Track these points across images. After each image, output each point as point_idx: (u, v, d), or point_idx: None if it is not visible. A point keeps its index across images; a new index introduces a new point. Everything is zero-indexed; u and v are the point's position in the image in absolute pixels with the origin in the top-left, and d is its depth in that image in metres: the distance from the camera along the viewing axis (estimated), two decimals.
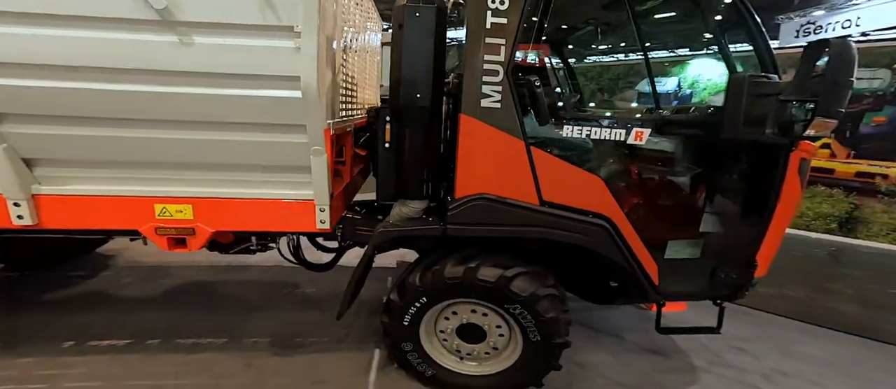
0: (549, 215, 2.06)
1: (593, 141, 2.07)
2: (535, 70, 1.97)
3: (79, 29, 1.50)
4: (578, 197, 2.10)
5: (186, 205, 1.81)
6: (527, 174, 2.02)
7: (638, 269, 2.19)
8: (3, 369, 2.19)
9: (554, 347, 2.12)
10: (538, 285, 2.04)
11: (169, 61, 1.56)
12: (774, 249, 2.28)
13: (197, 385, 2.16)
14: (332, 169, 1.89)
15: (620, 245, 2.12)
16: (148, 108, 1.63)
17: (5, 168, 1.64)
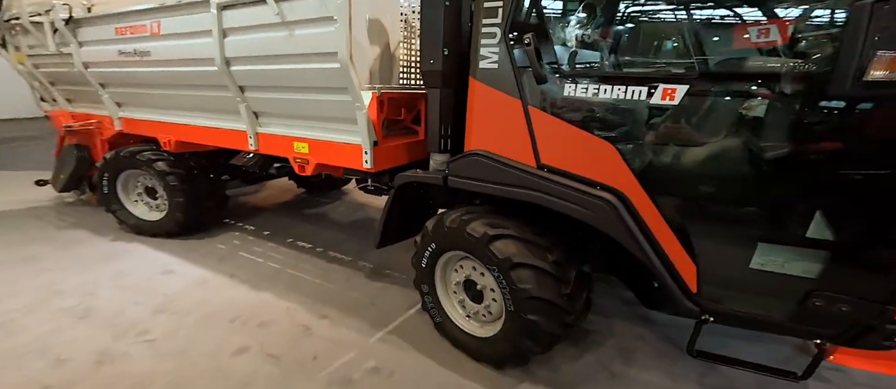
0: (545, 179, 1.98)
1: (607, 102, 1.83)
2: (533, 29, 1.89)
3: (254, 33, 2.68)
4: (585, 165, 1.93)
5: (305, 144, 2.83)
6: (524, 135, 2.02)
7: (658, 263, 1.77)
8: (242, 239, 3.96)
9: (529, 325, 2.00)
10: (523, 253, 1.98)
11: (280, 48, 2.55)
12: None
13: (318, 280, 3.24)
14: (379, 124, 2.50)
15: (633, 227, 1.79)
16: (280, 80, 2.71)
17: (247, 116, 3.10)
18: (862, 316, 1.58)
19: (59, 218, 4.35)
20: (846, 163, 1.49)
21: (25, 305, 2.73)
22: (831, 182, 1.53)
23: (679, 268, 1.80)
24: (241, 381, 2.10)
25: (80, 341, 2.38)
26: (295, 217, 4.60)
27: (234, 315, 2.66)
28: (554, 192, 1.96)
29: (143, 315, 2.65)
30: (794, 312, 1.70)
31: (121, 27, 3.36)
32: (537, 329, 1.99)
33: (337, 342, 2.44)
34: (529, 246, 2.00)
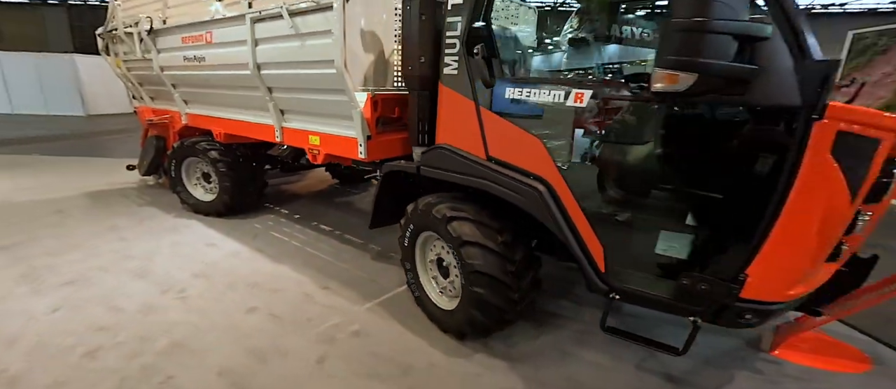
0: (490, 169, 2.24)
1: (537, 104, 2.06)
2: (484, 41, 2.14)
3: (277, 43, 3.15)
4: (520, 157, 2.16)
5: (317, 137, 3.26)
6: (476, 131, 2.29)
7: (575, 245, 1.97)
8: (275, 221, 4.53)
9: (476, 297, 2.25)
10: (473, 232, 2.25)
11: (295, 55, 3.00)
12: (789, 265, 1.63)
13: (330, 258, 3.70)
14: (372, 121, 2.87)
15: (556, 212, 2.01)
16: (297, 82, 3.16)
17: (274, 112, 3.59)
18: (716, 293, 1.69)
19: (139, 197, 5.25)
20: (690, 162, 1.64)
21: (101, 264, 3.44)
22: (686, 176, 1.68)
23: (591, 250, 1.98)
24: (245, 333, 2.56)
25: (134, 294, 2.99)
26: (324, 204, 5.13)
27: (253, 282, 3.17)
28: (496, 180, 2.21)
29: (184, 277, 3.24)
30: (674, 292, 1.83)
31: (185, 36, 4.05)
32: (483, 301, 2.24)
33: (331, 308, 2.85)
34: (481, 227, 2.25)
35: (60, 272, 3.27)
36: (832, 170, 1.47)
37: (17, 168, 6.72)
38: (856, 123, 1.45)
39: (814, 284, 1.78)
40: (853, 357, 2.46)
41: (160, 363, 2.28)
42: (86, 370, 2.21)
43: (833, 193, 1.50)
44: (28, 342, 2.43)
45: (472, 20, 2.18)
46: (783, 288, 1.67)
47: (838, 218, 1.56)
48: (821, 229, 1.55)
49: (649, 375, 2.28)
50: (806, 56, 1.42)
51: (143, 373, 2.20)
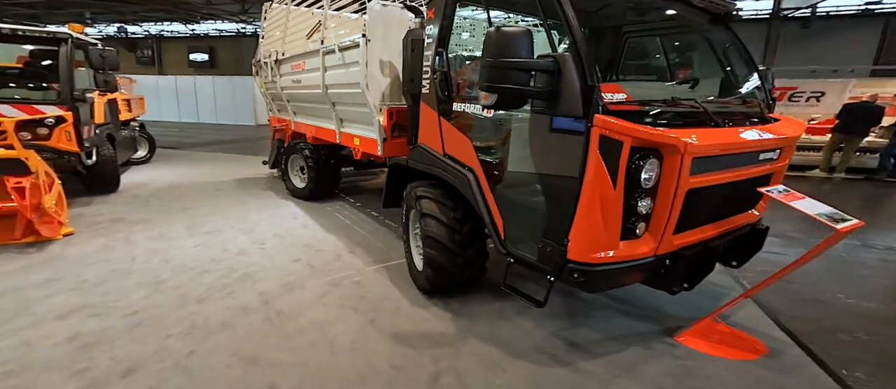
0: (443, 161, 2.85)
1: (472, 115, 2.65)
2: (441, 70, 2.75)
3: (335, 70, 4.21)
4: (460, 153, 2.74)
5: (358, 138, 4.21)
6: (437, 134, 2.93)
7: (488, 219, 2.49)
8: (342, 206, 5.59)
9: (428, 257, 2.87)
10: (431, 208, 2.88)
11: (343, 79, 3.99)
12: (591, 235, 2.02)
13: (366, 234, 4.61)
14: (388, 128, 3.68)
15: (477, 194, 2.55)
16: (344, 99, 4.16)
17: (336, 121, 4.66)
18: (555, 254, 2.05)
19: (264, 184, 6.94)
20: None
21: (228, 224, 4.86)
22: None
23: (497, 222, 2.45)
24: (286, 273, 3.54)
25: (238, 243, 4.24)
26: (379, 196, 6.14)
27: (307, 243, 4.22)
28: (446, 169, 2.81)
29: (268, 236, 4.45)
30: (538, 254, 2.23)
31: (293, 65, 5.43)
32: (434, 261, 2.84)
33: (348, 265, 3.72)
34: (438, 204, 2.87)
35: (206, 225, 4.76)
36: (599, 162, 1.86)
37: (203, 161, 9.25)
38: (609, 130, 1.84)
39: (628, 254, 2.09)
40: (749, 347, 2.47)
41: (233, 283, 3.38)
42: (196, 281, 3.40)
43: (602, 180, 1.89)
44: (176, 262, 3.76)
45: (435, 55, 2.84)
46: (589, 251, 2.03)
47: (610, 199, 1.92)
48: (602, 207, 1.94)
49: (557, 339, 2.62)
50: (586, 81, 1.82)
51: (222, 287, 3.30)
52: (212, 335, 2.62)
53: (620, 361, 2.42)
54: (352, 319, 2.83)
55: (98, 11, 19.97)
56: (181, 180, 7.13)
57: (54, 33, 5.35)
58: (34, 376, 2.18)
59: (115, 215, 5.01)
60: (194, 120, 19.66)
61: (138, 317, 2.79)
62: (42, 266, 3.54)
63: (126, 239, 4.24)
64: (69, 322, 2.71)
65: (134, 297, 3.06)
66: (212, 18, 21.24)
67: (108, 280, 3.33)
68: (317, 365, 2.33)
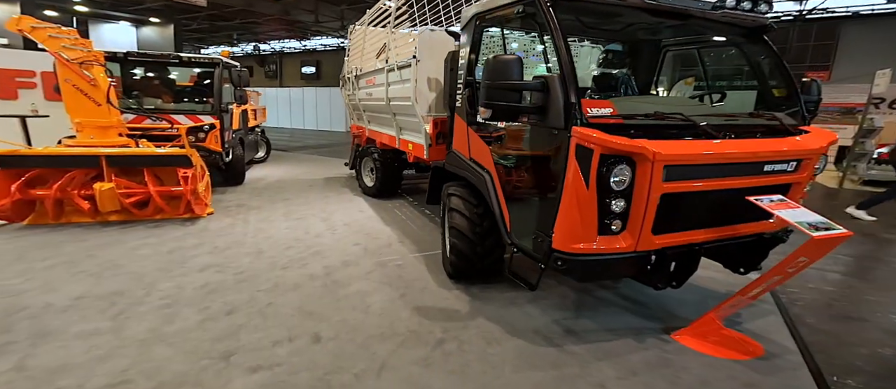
0: (469, 164, 3.25)
1: (492, 127, 3.04)
2: (471, 87, 3.13)
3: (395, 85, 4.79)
4: (481, 157, 3.11)
5: (411, 144, 4.75)
6: (466, 141, 3.33)
7: (498, 212, 2.84)
8: (401, 203, 6.18)
9: (451, 244, 3.31)
10: (457, 204, 3.29)
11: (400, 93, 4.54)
12: (571, 228, 2.29)
13: (416, 228, 5.13)
14: (433, 135, 4.15)
15: (492, 192, 2.91)
16: (401, 110, 4.72)
17: (397, 129, 5.24)
18: (543, 243, 2.30)
19: (344, 182, 7.89)
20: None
21: (312, 212, 5.73)
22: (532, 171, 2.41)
23: (505, 216, 2.77)
24: (345, 253, 4.20)
25: (316, 228, 5.03)
26: None
27: (367, 232, 4.87)
28: (470, 171, 3.20)
29: (339, 224, 5.20)
30: (533, 247, 2.49)
31: (367, 79, 6.21)
32: (456, 248, 3.26)
33: (396, 251, 4.27)
34: (464, 201, 3.27)
35: (297, 213, 5.70)
36: (575, 167, 2.10)
37: (303, 162, 10.67)
38: (583, 139, 2.09)
39: (607, 248, 2.29)
40: (742, 349, 2.45)
41: (307, 257, 4.11)
42: (283, 254, 4.18)
43: (577, 182, 2.13)
44: (272, 239, 4.61)
45: (467, 74, 3.25)
46: (570, 242, 2.27)
47: (585, 198, 2.15)
48: (578, 205, 2.18)
49: (556, 326, 2.86)
50: (567, 97, 2.09)
51: (299, 259, 4.03)
52: (286, 292, 3.31)
53: (607, 349, 2.60)
54: (387, 292, 3.36)
55: (241, 33, 23.80)
56: (285, 177, 8.41)
57: (212, 59, 6.81)
58: (179, 308, 3.02)
59: (239, 202, 6.19)
60: (301, 126, 22.28)
61: (243, 275, 3.61)
62: (193, 234, 4.63)
63: (244, 219, 5.29)
64: (204, 274, 3.61)
65: (243, 261, 3.92)
66: (319, 35, 23.83)
67: (230, 247, 4.27)
68: (352, 323, 2.88)
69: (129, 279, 3.44)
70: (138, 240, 4.34)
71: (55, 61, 4.62)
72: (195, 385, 2.20)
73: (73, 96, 4.70)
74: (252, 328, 2.78)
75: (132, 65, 6.99)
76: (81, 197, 4.65)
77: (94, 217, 4.80)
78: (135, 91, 6.87)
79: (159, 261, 3.83)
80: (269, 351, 2.51)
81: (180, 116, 6.38)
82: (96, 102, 4.77)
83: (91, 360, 2.36)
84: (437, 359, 2.47)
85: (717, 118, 2.64)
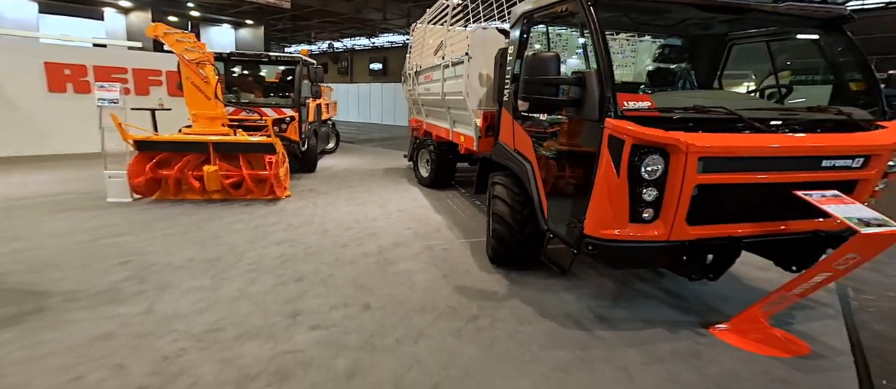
0: (513, 155, 3.37)
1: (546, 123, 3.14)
2: (516, 80, 3.21)
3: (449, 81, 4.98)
4: (524, 148, 3.23)
5: (463, 136, 4.92)
6: (511, 133, 3.44)
7: (537, 199, 2.95)
8: (453, 194, 6.37)
9: (493, 230, 3.48)
10: (501, 192, 3.43)
11: (453, 88, 4.73)
12: (601, 214, 2.34)
13: (465, 216, 5.31)
14: (483, 128, 4.29)
15: (532, 180, 3.03)
16: (454, 104, 4.90)
17: (450, 122, 5.46)
18: (576, 229, 2.36)
19: (402, 173, 8.28)
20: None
21: (372, 199, 6.13)
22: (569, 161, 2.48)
23: (543, 203, 2.86)
24: (397, 235, 4.51)
25: (374, 213, 5.41)
26: None
27: (419, 218, 5.16)
28: (512, 160, 3.32)
29: (394, 210, 5.54)
30: (567, 232, 2.56)
31: (425, 75, 6.50)
32: (497, 233, 3.40)
33: (444, 237, 4.50)
34: (507, 190, 3.40)
35: (358, 198, 6.15)
36: (607, 157, 2.15)
37: (367, 153, 11.33)
38: (615, 130, 2.12)
39: (638, 235, 2.30)
40: (786, 347, 2.32)
41: (363, 238, 4.48)
42: (344, 233, 4.59)
43: (609, 171, 2.17)
44: (336, 220, 5.05)
45: (513, 69, 3.36)
46: (600, 228, 2.31)
47: (615, 187, 2.17)
48: (609, 193, 2.22)
49: (589, 312, 2.91)
50: (602, 91, 2.14)
51: (357, 239, 4.41)
52: (344, 266, 3.69)
53: (637, 337, 2.61)
54: (431, 272, 3.60)
55: (318, 32, 25.70)
56: (350, 166, 9.04)
57: (293, 57, 7.59)
58: (260, 273, 3.49)
59: (310, 187, 6.82)
60: (367, 120, 23.41)
61: (310, 250, 4.06)
62: (273, 213, 5.24)
63: (314, 203, 5.84)
64: (279, 247, 4.11)
65: (311, 239, 4.39)
66: (387, 32, 24.84)
67: (301, 226, 4.78)
68: (398, 296, 3.16)
69: (225, 248, 4.03)
70: (233, 216, 5.01)
71: (179, 61, 5.40)
72: (268, 337, 2.57)
73: (191, 91, 5.48)
74: (314, 294, 3.16)
75: (232, 64, 7.94)
76: (194, 177, 5.45)
77: (201, 194, 5.58)
78: (234, 86, 7.80)
79: (247, 235, 4.41)
80: (326, 314, 2.86)
81: (268, 109, 7.15)
82: (207, 97, 5.52)
83: (195, 311, 2.85)
84: (469, 332, 2.66)
85: (770, 112, 2.52)
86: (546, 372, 2.27)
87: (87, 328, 2.56)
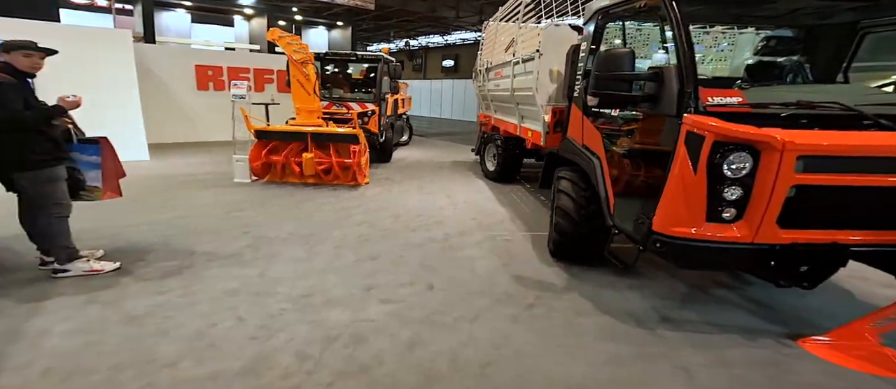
0: (581, 150, 3.35)
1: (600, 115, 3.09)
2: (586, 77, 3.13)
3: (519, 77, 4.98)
4: (593, 144, 3.20)
5: (531, 131, 4.91)
6: (580, 129, 3.41)
7: (604, 195, 2.93)
8: (517, 188, 6.34)
9: (556, 224, 3.48)
10: (566, 186, 3.42)
11: (522, 84, 4.73)
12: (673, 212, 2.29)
13: (529, 210, 5.30)
14: (552, 123, 4.26)
15: (600, 176, 3.00)
16: (523, 100, 4.89)
17: (518, 117, 5.46)
18: (645, 226, 2.32)
19: (469, 166, 8.42)
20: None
21: (440, 189, 6.38)
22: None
23: (610, 199, 2.82)
24: (462, 224, 4.67)
25: (441, 203, 5.64)
26: None
27: (483, 210, 5.27)
28: (579, 155, 3.29)
29: (460, 201, 5.71)
30: (634, 228, 2.51)
31: (496, 72, 6.55)
32: (559, 227, 3.41)
33: (506, 229, 4.57)
34: (573, 184, 3.38)
35: (427, 188, 6.44)
36: (684, 153, 2.08)
37: (437, 147, 11.65)
38: (694, 126, 2.02)
39: (716, 236, 2.18)
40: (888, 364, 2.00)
41: (431, 224, 4.71)
42: (413, 220, 4.87)
43: (684, 168, 2.10)
44: (407, 207, 5.37)
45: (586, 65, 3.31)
46: (670, 225, 2.23)
47: (691, 185, 2.07)
48: (683, 189, 2.14)
49: (653, 311, 2.83)
50: (682, 86, 2.05)
51: (425, 226, 4.66)
52: (412, 249, 3.94)
53: (705, 340, 2.49)
54: (492, 260, 3.71)
55: (396, 31, 26.95)
56: (422, 158, 9.42)
57: (376, 55, 8.16)
58: (343, 250, 3.86)
59: (386, 176, 7.26)
60: (438, 115, 23.93)
61: (384, 232, 4.39)
62: (355, 198, 5.72)
63: (388, 190, 6.25)
64: (359, 228, 4.49)
65: (385, 222, 4.73)
66: (459, 29, 25.07)
67: (377, 211, 5.17)
68: (459, 279, 3.32)
69: (317, 226, 4.50)
70: (323, 199, 5.56)
71: (288, 61, 6.09)
72: (347, 305, 2.87)
73: (296, 88, 6.17)
74: (386, 272, 3.43)
75: (326, 62, 8.71)
76: (295, 163, 6.14)
77: (299, 178, 6.26)
78: (327, 83, 8.56)
79: (334, 215, 4.88)
80: (395, 290, 3.11)
81: (353, 103, 7.75)
82: (308, 92, 6.17)
83: (294, 277, 3.26)
84: (524, 318, 2.74)
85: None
86: (598, 362, 2.29)
87: (220, 283, 3.08)
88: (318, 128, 6.10)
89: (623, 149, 3.06)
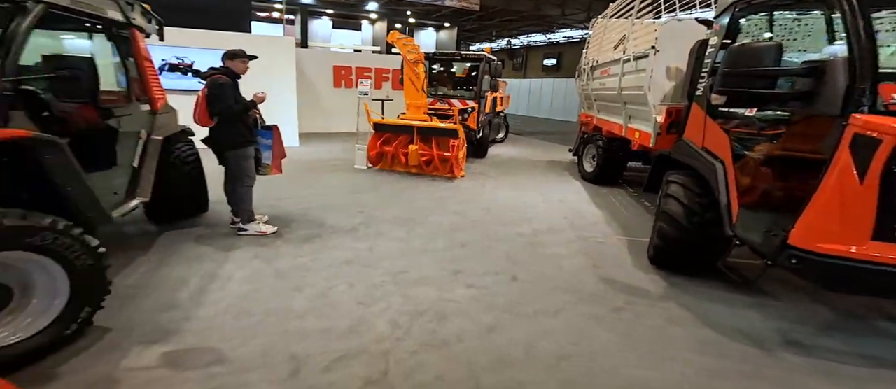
0: (699, 153, 3.04)
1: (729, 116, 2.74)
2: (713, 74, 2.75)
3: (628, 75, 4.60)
4: (716, 147, 2.89)
5: (638, 133, 4.51)
6: (700, 130, 3.09)
7: (725, 202, 2.63)
8: (618, 191, 5.86)
9: (659, 229, 3.19)
10: (675, 190, 3.11)
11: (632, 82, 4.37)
12: (823, 225, 1.99)
13: (623, 209, 4.90)
14: (664, 125, 3.87)
15: (723, 181, 2.69)
16: (632, 99, 4.51)
17: (625, 117, 5.06)
18: (777, 239, 2.06)
19: (565, 166, 8.08)
20: None
21: (533, 187, 6.27)
22: None
23: (733, 207, 2.51)
24: (553, 222, 4.55)
25: (533, 200, 5.55)
26: None
27: (576, 210, 5.06)
28: (698, 159, 2.99)
29: (553, 200, 5.54)
30: (763, 241, 2.23)
31: (602, 70, 6.17)
32: (663, 232, 3.13)
33: (599, 231, 4.33)
34: (685, 189, 3.07)
35: (520, 185, 6.40)
36: (847, 158, 1.79)
37: (533, 145, 11.41)
38: (867, 128, 1.71)
39: (881, 257, 1.83)
40: None
41: (520, 220, 4.66)
42: (503, 215, 4.89)
43: (847, 175, 1.80)
44: (497, 202, 5.41)
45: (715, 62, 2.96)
46: (814, 240, 1.92)
47: (854, 195, 1.76)
48: (842, 200, 1.83)
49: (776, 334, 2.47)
50: (852, 82, 1.71)
51: (514, 221, 4.63)
52: (500, 241, 3.98)
53: (839, 370, 2.11)
54: (580, 259, 3.57)
55: (498, 30, 27.01)
56: (517, 156, 9.35)
57: (478, 55, 8.39)
58: (436, 235, 4.03)
59: (481, 171, 7.39)
60: (536, 114, 23.33)
61: (473, 223, 4.50)
62: (451, 189, 5.98)
63: (482, 185, 6.37)
64: (452, 217, 4.67)
65: (476, 214, 4.85)
66: (564, 27, 23.99)
67: (469, 202, 5.33)
68: (546, 275, 3.26)
69: (417, 211, 4.82)
70: (423, 187, 5.91)
71: (402, 61, 6.61)
72: (436, 285, 3.03)
73: (408, 85, 6.67)
74: (474, 260, 3.53)
75: (433, 62, 9.18)
76: (402, 153, 6.66)
77: (404, 168, 6.76)
78: (433, 81, 9.02)
79: (431, 203, 5.16)
80: (480, 277, 3.18)
81: (455, 100, 8.04)
82: (417, 89, 6.62)
83: (395, 254, 3.56)
84: (609, 320, 2.60)
85: None
86: (687, 373, 2.09)
87: (339, 254, 3.50)
88: (423, 122, 6.46)
89: (760, 153, 2.66)
